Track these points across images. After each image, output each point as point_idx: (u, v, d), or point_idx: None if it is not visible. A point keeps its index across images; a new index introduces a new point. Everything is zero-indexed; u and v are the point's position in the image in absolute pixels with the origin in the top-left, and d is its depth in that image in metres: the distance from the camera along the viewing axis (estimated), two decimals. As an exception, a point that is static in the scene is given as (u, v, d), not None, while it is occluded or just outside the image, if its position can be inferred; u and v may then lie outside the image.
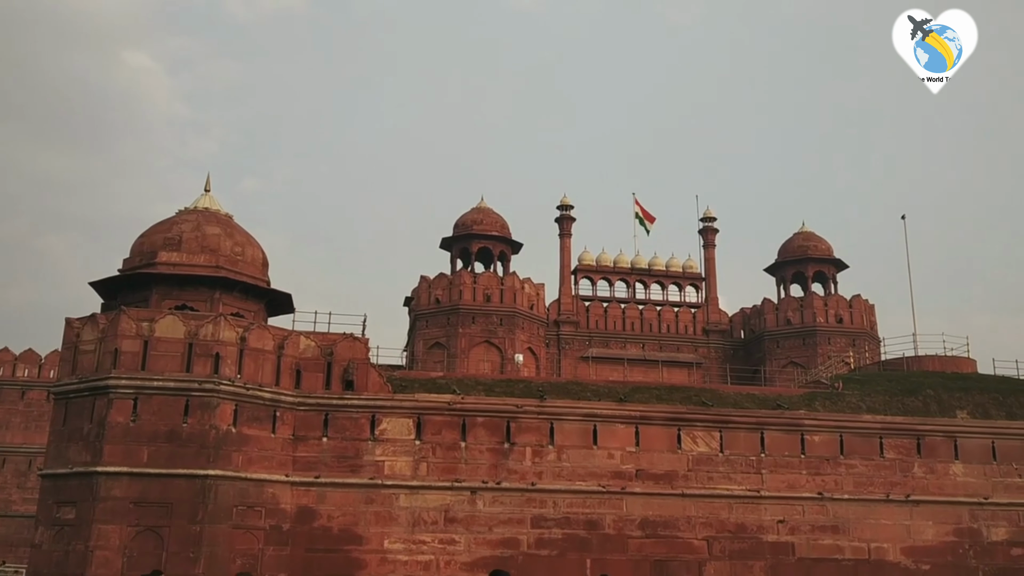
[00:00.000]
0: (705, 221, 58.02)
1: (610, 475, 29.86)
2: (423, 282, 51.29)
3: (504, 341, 48.99)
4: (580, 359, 52.86)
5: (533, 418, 30.04)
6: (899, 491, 31.17)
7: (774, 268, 56.51)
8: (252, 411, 27.66)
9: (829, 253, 55.44)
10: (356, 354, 29.89)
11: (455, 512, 28.70)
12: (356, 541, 27.93)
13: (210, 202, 32.85)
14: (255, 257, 32.26)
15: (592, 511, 29.42)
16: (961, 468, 31.91)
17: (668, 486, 30.04)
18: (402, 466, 28.89)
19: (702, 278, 57.52)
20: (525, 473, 29.47)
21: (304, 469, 28.26)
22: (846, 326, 52.31)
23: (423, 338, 49.85)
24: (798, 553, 30.09)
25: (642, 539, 29.44)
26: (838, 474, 31.13)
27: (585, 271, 56.83)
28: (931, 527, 31.06)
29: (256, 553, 26.81)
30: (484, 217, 53.09)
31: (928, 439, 32.05)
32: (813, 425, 31.56)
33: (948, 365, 38.21)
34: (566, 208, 56.21)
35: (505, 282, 50.48)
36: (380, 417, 29.23)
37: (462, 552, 28.39)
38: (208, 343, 27.46)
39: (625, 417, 30.58)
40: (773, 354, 52.56)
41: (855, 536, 30.53)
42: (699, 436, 30.84)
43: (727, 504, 30.19)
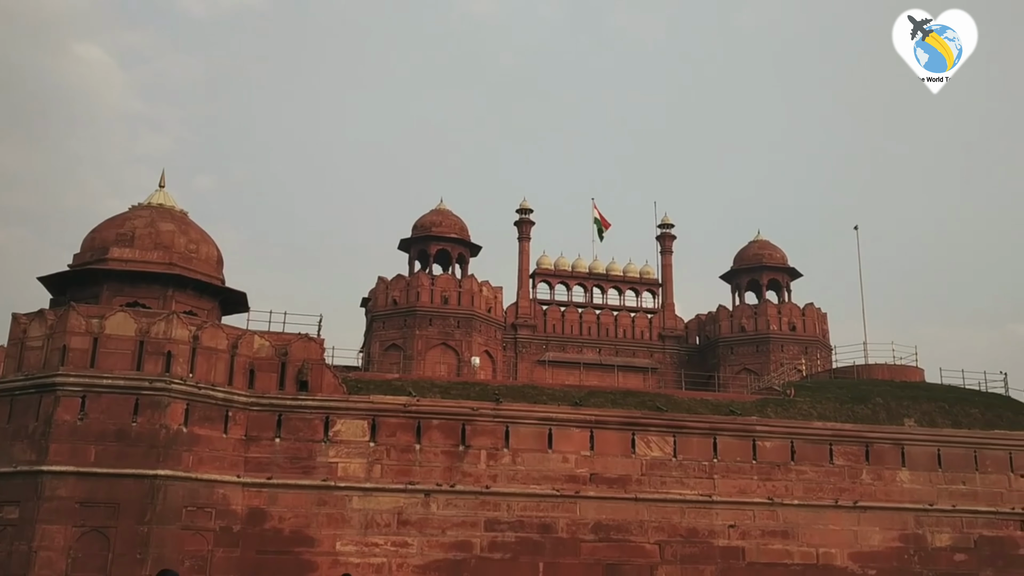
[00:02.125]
0: (663, 228, 58.50)
1: (564, 479, 29.96)
2: (380, 283, 51.03)
3: (461, 344, 48.92)
4: (537, 363, 52.99)
5: (488, 421, 30.03)
6: (847, 497, 31.69)
7: (729, 275, 57.15)
8: (204, 411, 27.31)
9: (783, 262, 56.19)
10: (311, 355, 29.65)
11: (408, 515, 28.58)
12: (308, 543, 27.69)
13: (164, 198, 32.37)
14: (210, 255, 31.84)
15: (546, 515, 29.48)
16: (908, 475, 32.54)
17: (622, 490, 30.23)
18: (356, 468, 28.70)
19: (659, 284, 57.98)
20: (479, 476, 29.45)
21: (256, 470, 27.95)
22: (799, 334, 53.04)
23: (379, 339, 49.59)
24: (748, 558, 30.43)
25: (595, 543, 29.56)
26: (788, 480, 31.56)
27: (543, 275, 56.98)
28: (878, 533, 31.62)
29: (205, 555, 26.45)
30: (443, 219, 52.97)
31: (876, 446, 32.63)
32: (765, 431, 31.97)
33: (897, 374, 38.97)
34: (525, 212, 56.31)
35: (463, 284, 50.40)
36: (334, 418, 29.02)
37: (415, 555, 28.28)
38: (160, 341, 27.07)
39: (580, 421, 30.71)
40: (727, 360, 53.12)
41: (804, 541, 30.96)
42: (653, 441, 31.08)
43: (679, 509, 30.44)
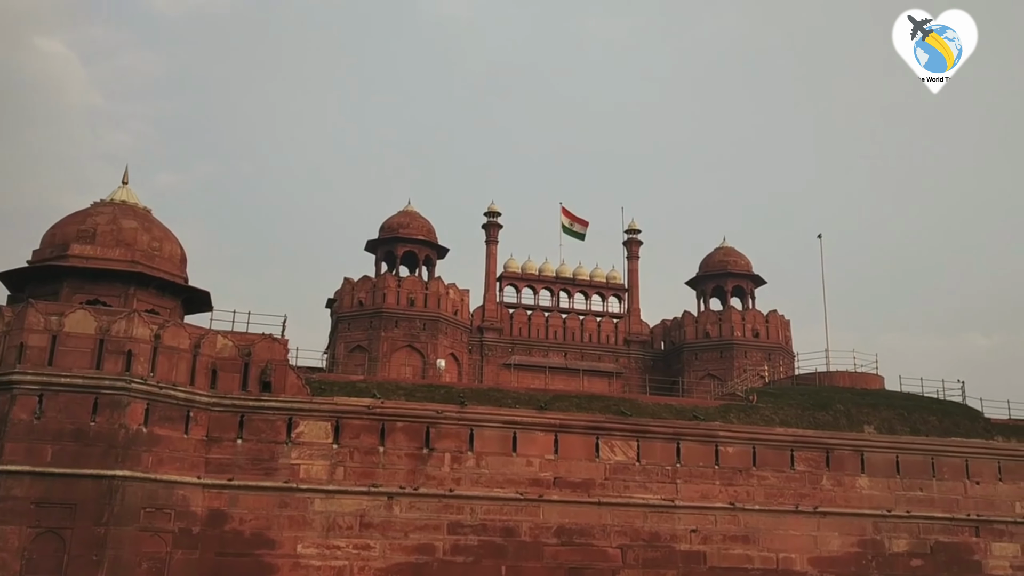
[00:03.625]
0: (630, 233, 58.74)
1: (528, 482, 29.97)
2: (346, 284, 50.69)
3: (427, 346, 48.71)
4: (502, 366, 52.93)
5: (453, 424, 29.97)
6: (808, 503, 32.04)
7: (695, 281, 57.48)
8: (164, 411, 26.98)
9: (748, 269, 56.64)
10: (275, 355, 29.41)
11: (371, 517, 28.44)
12: (268, 545, 27.45)
13: (127, 195, 31.96)
14: (173, 253, 31.48)
15: (509, 518, 29.47)
16: (867, 481, 32.97)
17: (585, 494, 30.30)
18: (318, 470, 28.51)
19: (625, 289, 58.18)
20: (443, 479, 29.38)
21: (217, 471, 27.66)
22: (762, 340, 53.45)
23: (344, 341, 49.23)
24: (709, 562, 30.65)
25: (557, 547, 29.61)
26: (750, 485, 31.84)
27: (510, 278, 56.96)
28: (837, 538, 32.00)
29: (163, 556, 26.12)
30: (411, 221, 52.73)
31: (837, 452, 33.03)
32: (727, 437, 32.22)
33: (858, 381, 39.41)
34: (493, 215, 56.27)
35: (430, 287, 50.21)
36: (297, 420, 28.82)
37: (377, 558, 28.14)
38: (120, 340, 26.70)
39: (545, 425, 30.76)
40: (692, 366, 53.40)
41: (764, 546, 31.25)
42: (617, 445, 31.20)
43: (642, 513, 30.59)
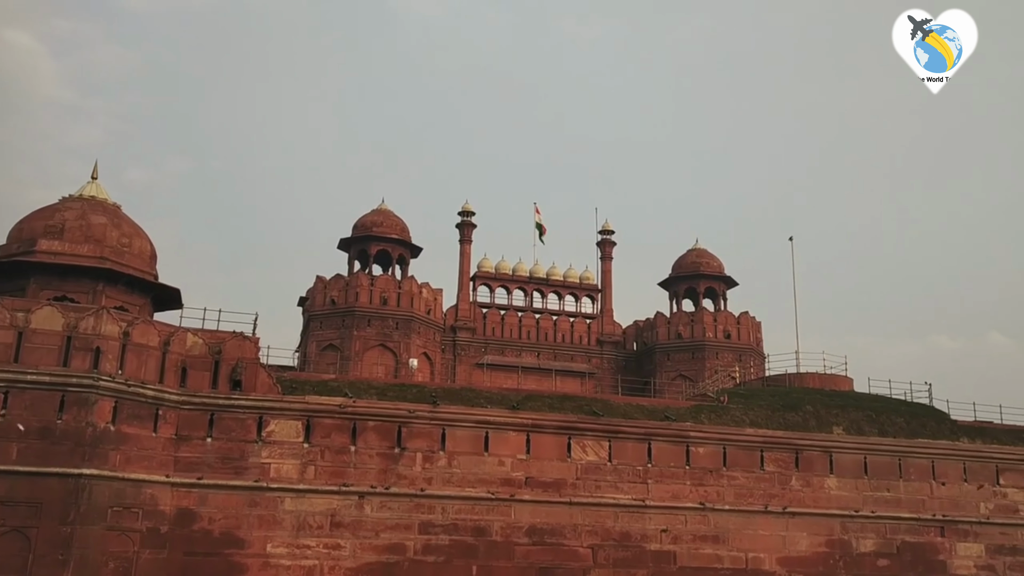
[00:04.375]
0: (603, 234, 58.95)
1: (500, 482, 29.98)
2: (319, 282, 50.47)
3: (399, 345, 48.63)
4: (475, 366, 52.94)
5: (425, 423, 29.92)
6: (777, 503, 32.31)
7: (668, 283, 57.81)
8: (133, 409, 26.68)
9: (720, 270, 57.05)
10: (245, 353, 29.19)
11: (342, 517, 28.31)
12: (238, 545, 27.24)
13: (97, 190, 31.62)
14: (143, 249, 31.19)
15: (480, 518, 29.46)
16: (835, 482, 33.30)
17: (556, 494, 30.36)
18: (289, 469, 28.34)
19: (598, 290, 58.38)
20: (415, 479, 29.31)
21: (186, 470, 27.41)
22: (734, 342, 53.86)
23: (316, 339, 49.03)
24: (679, 562, 30.82)
25: (529, 546, 29.64)
26: (720, 485, 32.05)
27: (484, 278, 56.97)
28: (805, 538, 32.29)
29: (131, 556, 25.82)
30: (384, 219, 52.61)
31: (806, 453, 33.33)
32: (698, 437, 32.42)
33: (827, 382, 39.79)
34: (467, 215, 56.26)
35: (403, 286, 50.13)
36: (268, 419, 28.62)
37: (347, 557, 28.02)
38: (88, 337, 26.37)
39: (517, 425, 30.78)
40: (664, 366, 53.71)
41: (734, 546, 31.47)
42: (589, 445, 31.28)
43: (613, 513, 30.70)
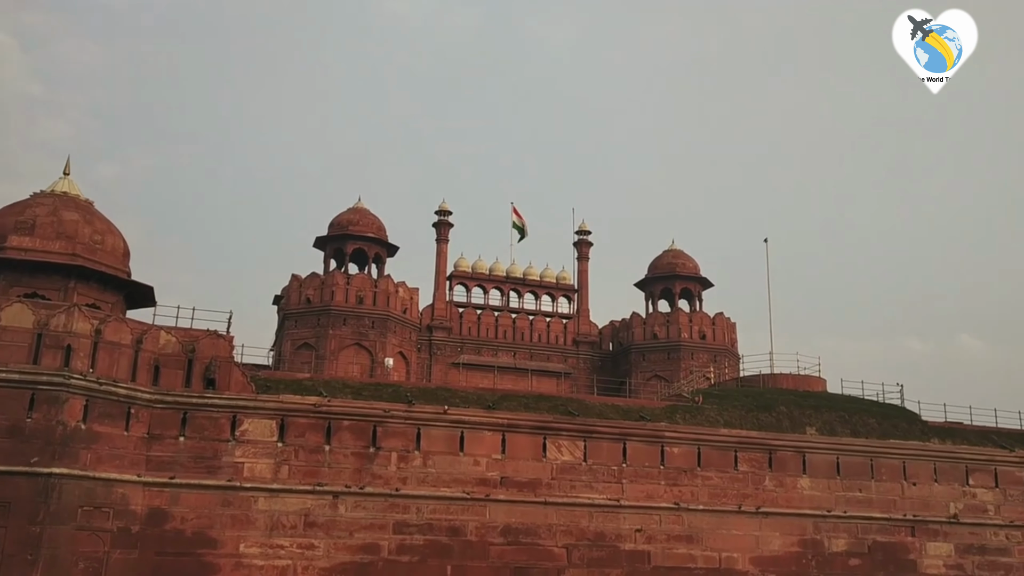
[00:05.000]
0: (580, 234, 58.99)
1: (475, 482, 29.96)
2: (294, 281, 50.17)
3: (375, 344, 48.43)
4: (451, 365, 52.83)
5: (400, 423, 29.84)
6: (750, 503, 32.51)
7: (644, 283, 57.97)
8: (104, 407, 26.41)
9: (696, 271, 57.29)
10: (219, 352, 28.98)
11: (316, 516, 28.18)
12: (210, 545, 27.04)
13: (69, 186, 31.28)
14: (116, 246, 30.88)
15: (455, 518, 29.42)
16: (808, 482, 33.56)
17: (531, 494, 30.38)
18: (262, 468, 28.17)
19: (575, 290, 58.45)
20: (389, 478, 29.23)
21: (158, 469, 27.17)
22: (709, 342, 54.09)
23: (291, 338, 48.73)
24: (653, 562, 30.94)
25: (503, 546, 29.64)
26: (694, 485, 32.21)
27: (460, 278, 56.88)
28: (778, 538, 32.52)
29: (101, 556, 25.58)
30: (360, 218, 52.36)
31: (779, 453, 33.56)
32: (673, 437, 32.55)
33: (800, 383, 40.12)
34: (444, 214, 56.12)
35: (379, 285, 49.92)
36: (242, 418, 28.43)
37: (321, 557, 27.90)
38: (59, 334, 26.09)
39: (492, 424, 30.76)
40: (639, 367, 53.84)
41: (708, 546, 31.63)
42: (564, 445, 31.32)
43: (588, 513, 30.76)
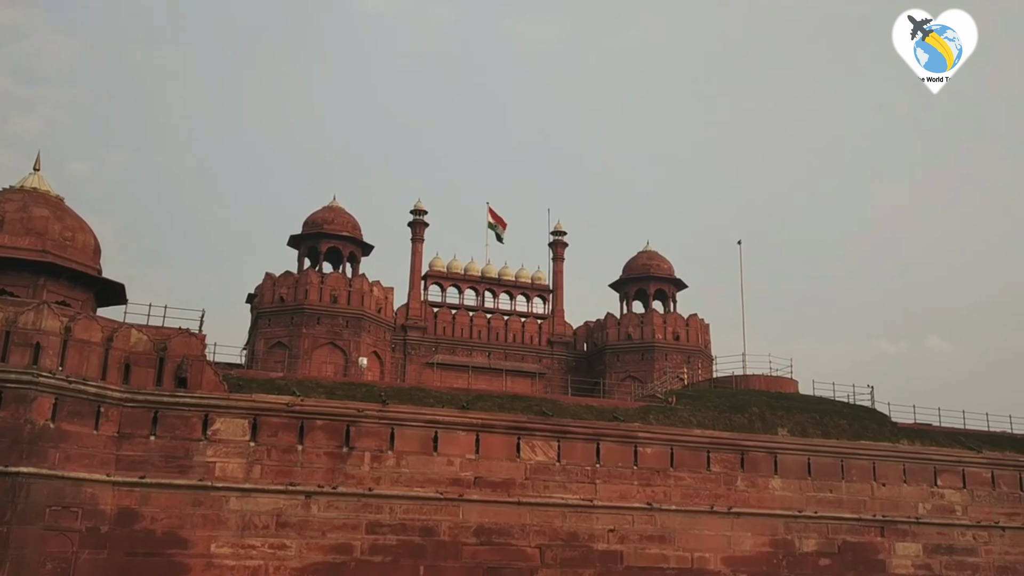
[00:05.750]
0: (555, 235, 59.07)
1: (449, 482, 29.92)
2: (268, 279, 49.87)
3: (349, 344, 48.25)
4: (426, 365, 52.74)
5: (374, 423, 29.74)
6: (723, 503, 32.71)
7: (618, 284, 58.19)
8: (73, 406, 26.12)
9: (670, 273, 57.57)
10: (191, 350, 28.74)
11: (288, 516, 28.02)
12: (180, 545, 26.81)
13: (39, 182, 30.92)
14: (87, 243, 30.56)
15: (429, 518, 29.37)
16: (779, 483, 33.83)
17: (505, 494, 30.39)
18: (234, 468, 27.97)
19: (550, 290, 58.54)
20: (363, 478, 29.12)
21: (128, 469, 26.91)
22: (682, 343, 54.38)
23: (264, 337, 48.44)
24: (626, 562, 31.05)
25: (476, 546, 29.63)
26: (667, 486, 32.37)
27: (435, 277, 56.79)
28: (750, 538, 32.75)
29: (69, 557, 25.29)
30: (335, 216, 52.14)
31: (751, 454, 33.80)
32: (646, 438, 32.70)
33: (773, 385, 40.40)
34: (420, 213, 56.00)
35: (353, 284, 49.74)
36: (214, 417, 28.22)
37: (293, 557, 27.75)
38: (28, 332, 25.78)
39: (466, 424, 30.74)
40: (613, 367, 54.03)
41: (680, 546, 31.79)
42: (538, 445, 31.37)
43: (561, 513, 30.81)
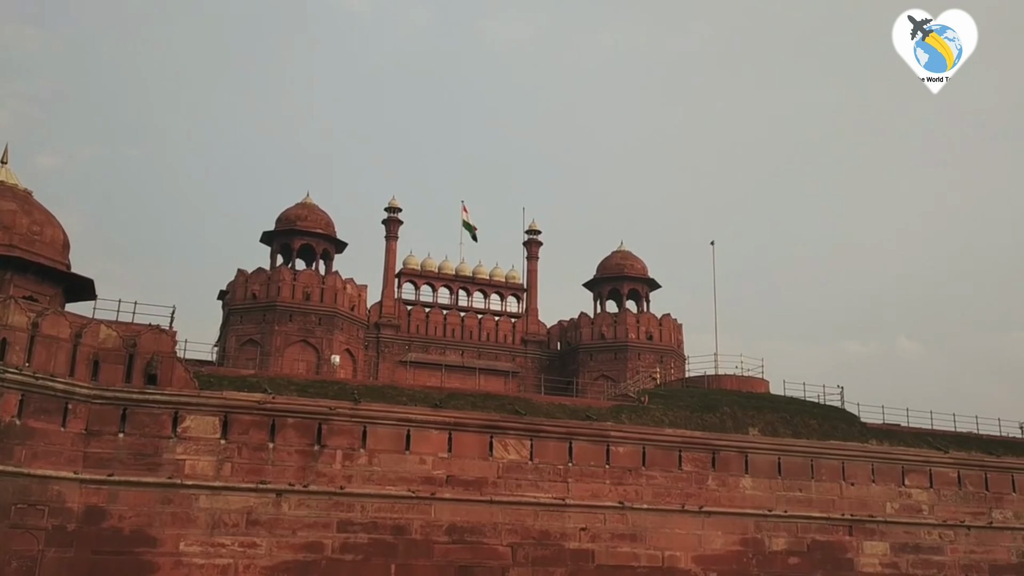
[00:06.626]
0: (530, 234, 59.15)
1: (421, 480, 29.85)
2: (240, 276, 49.52)
3: (322, 341, 48.04)
4: (399, 363, 52.61)
5: (346, 421, 29.61)
6: (694, 502, 32.89)
7: (592, 284, 58.36)
8: (40, 402, 25.78)
9: (644, 272, 57.83)
10: (161, 347, 28.46)
11: (258, 515, 27.83)
12: (149, 543, 26.55)
13: (7, 175, 30.48)
14: (55, 238, 30.17)
15: (400, 516, 29.29)
16: (750, 482, 34.07)
17: (477, 493, 30.37)
18: (204, 466, 27.74)
19: (524, 289, 58.61)
20: (334, 476, 28.98)
21: (96, 466, 26.59)
22: (655, 343, 54.66)
23: (236, 334, 48.10)
24: (597, 560, 31.13)
25: (448, 545, 29.58)
26: (639, 484, 32.49)
27: (409, 275, 56.66)
28: (720, 537, 32.95)
29: (35, 555, 24.96)
30: (309, 213, 51.87)
31: (722, 454, 34.01)
32: (619, 437, 32.81)
33: (744, 384, 40.70)
34: (394, 210, 55.83)
35: (326, 281, 49.54)
36: (184, 414, 27.96)
37: (263, 556, 27.56)
38: (-6, 327, 25.38)
39: (439, 423, 30.69)
40: (587, 366, 54.21)
41: (651, 544, 31.93)
42: (511, 444, 31.37)
43: (533, 511, 30.84)
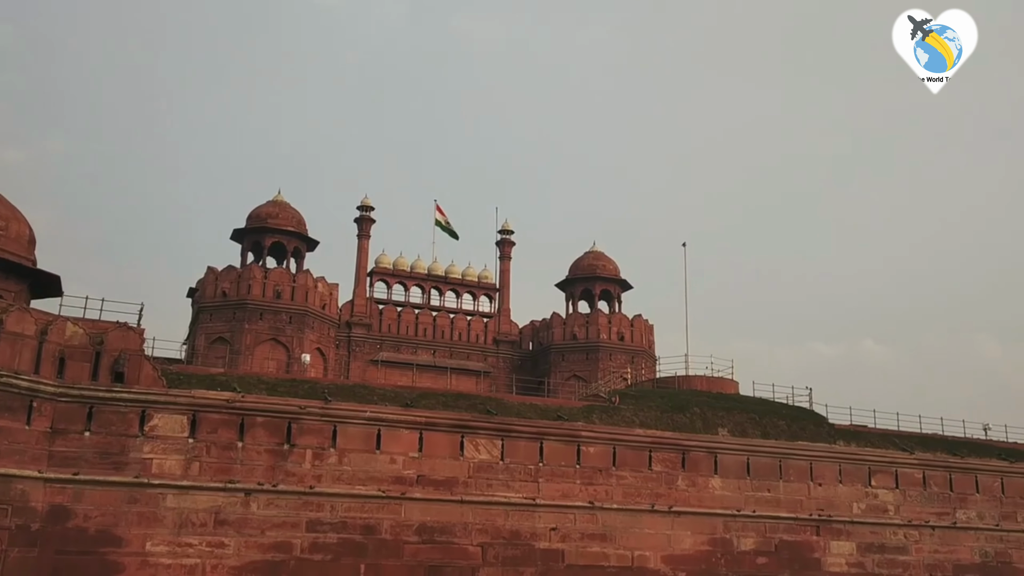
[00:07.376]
0: (503, 233, 59.23)
1: (391, 480, 29.75)
2: (210, 273, 49.13)
3: (292, 340, 47.80)
4: (370, 362, 52.46)
5: (316, 420, 29.44)
6: (663, 502, 33.05)
7: (565, 284, 58.51)
8: (4, 400, 25.38)
9: (616, 273, 58.06)
10: (129, 345, 28.14)
11: (226, 514, 27.60)
12: (115, 543, 26.23)
13: (-29, 169, 29.98)
14: (20, 233, 29.75)
15: (370, 516, 29.17)
16: (719, 482, 34.28)
17: (448, 492, 30.32)
18: (172, 465, 27.46)
19: (496, 289, 58.65)
20: (304, 476, 28.81)
21: (61, 465, 26.23)
22: (627, 344, 54.92)
23: (206, 332, 47.72)
24: (567, 560, 31.18)
25: (418, 545, 29.51)
26: (609, 484, 32.59)
27: (381, 274, 56.51)
28: (689, 537, 33.13)
29: (-2, 555, 24.56)
30: (280, 211, 51.58)
31: (692, 454, 34.21)
32: (589, 437, 32.89)
33: (714, 385, 40.94)
34: (366, 209, 55.65)
35: (297, 279, 49.30)
36: (151, 412, 27.66)
37: (231, 556, 27.33)
38: (-43, 323, 24.98)
39: (410, 422, 30.60)
40: (558, 366, 54.35)
41: (621, 544, 32.04)
42: (482, 444, 31.35)
43: (504, 511, 30.84)
